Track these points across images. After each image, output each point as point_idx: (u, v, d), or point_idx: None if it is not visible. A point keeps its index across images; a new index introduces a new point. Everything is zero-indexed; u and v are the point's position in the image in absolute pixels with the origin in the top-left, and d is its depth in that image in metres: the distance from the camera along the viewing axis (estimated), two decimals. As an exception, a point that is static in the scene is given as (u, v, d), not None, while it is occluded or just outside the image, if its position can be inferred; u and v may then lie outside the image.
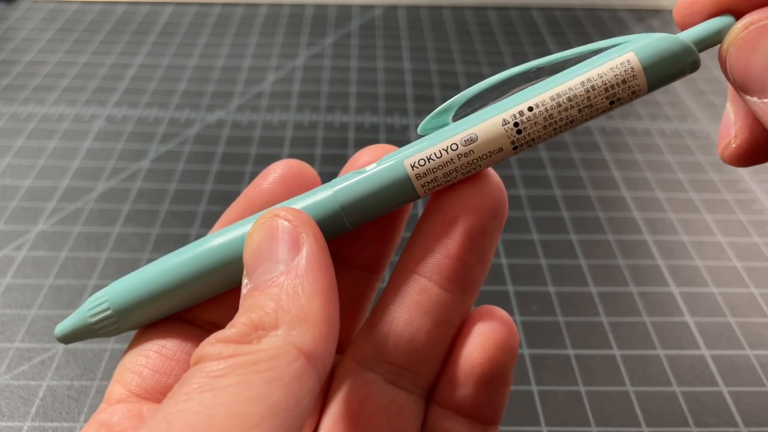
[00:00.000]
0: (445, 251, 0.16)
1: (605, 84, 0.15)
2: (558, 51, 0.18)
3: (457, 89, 0.47)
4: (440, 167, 0.16)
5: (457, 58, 0.51)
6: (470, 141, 0.16)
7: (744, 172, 0.39)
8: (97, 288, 0.31)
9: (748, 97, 0.15)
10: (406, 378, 0.17)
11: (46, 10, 0.56)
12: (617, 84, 0.15)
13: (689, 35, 0.15)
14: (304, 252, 0.14)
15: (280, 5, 0.58)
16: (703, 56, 0.15)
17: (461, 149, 0.16)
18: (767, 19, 0.14)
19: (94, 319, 0.17)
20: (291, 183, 0.18)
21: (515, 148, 0.16)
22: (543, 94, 0.15)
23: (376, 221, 0.18)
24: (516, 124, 0.16)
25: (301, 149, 0.40)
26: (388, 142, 0.41)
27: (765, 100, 0.14)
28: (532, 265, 0.33)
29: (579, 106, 0.15)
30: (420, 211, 0.35)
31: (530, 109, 0.15)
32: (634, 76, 0.15)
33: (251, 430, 0.12)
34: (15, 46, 0.51)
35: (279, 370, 0.13)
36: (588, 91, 0.15)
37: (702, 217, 0.36)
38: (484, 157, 0.16)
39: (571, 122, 0.15)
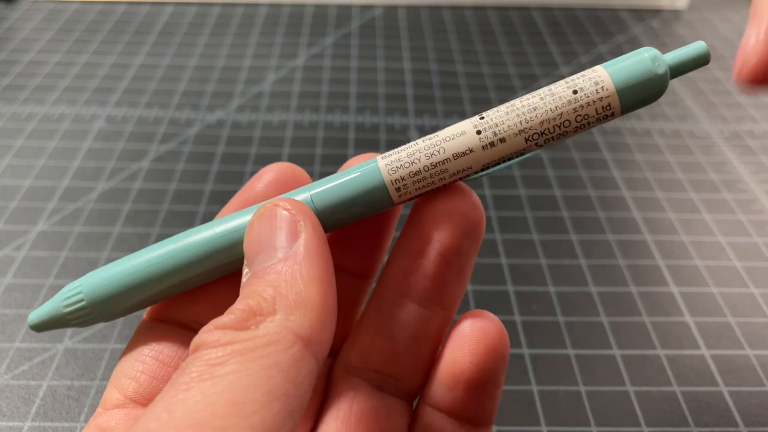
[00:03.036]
0: (421, 271, 0.17)
1: (566, 81, 0.16)
2: (558, 51, 0.18)
3: (458, 89, 0.47)
4: (409, 163, 0.16)
5: (457, 58, 0.51)
6: (436, 135, 0.16)
7: (744, 172, 0.39)
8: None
9: None
10: (392, 384, 0.18)
11: (46, 10, 0.56)
12: (578, 78, 0.16)
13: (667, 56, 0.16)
14: (302, 239, 0.15)
15: (280, 5, 0.58)
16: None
17: (427, 140, 0.16)
18: None
19: (67, 309, 0.17)
20: (284, 185, 0.19)
21: (484, 147, 0.16)
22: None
23: (365, 228, 0.18)
24: (481, 117, 0.16)
25: (301, 149, 0.40)
26: (388, 142, 0.41)
27: None
28: (532, 265, 0.33)
29: (540, 95, 0.16)
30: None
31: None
32: (594, 71, 0.16)
33: (251, 417, 0.12)
34: (15, 46, 0.51)
35: (277, 356, 0.13)
36: (550, 87, 0.16)
37: (702, 217, 0.36)
38: (448, 139, 0.16)
39: (534, 110, 0.15)
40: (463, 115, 0.44)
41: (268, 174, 0.19)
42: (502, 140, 0.16)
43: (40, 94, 0.45)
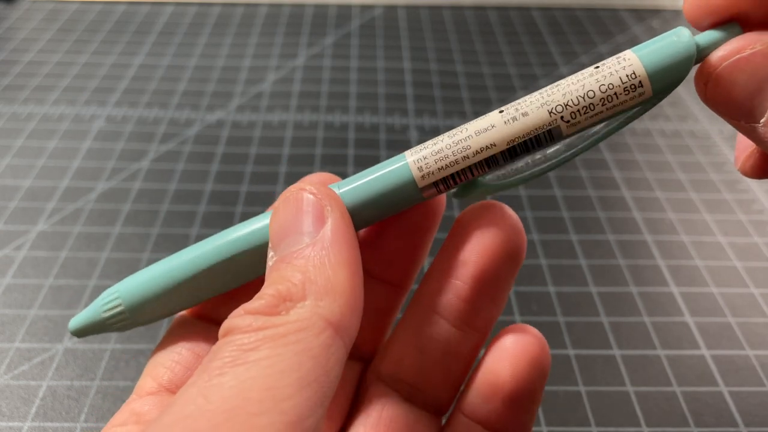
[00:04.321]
0: (455, 293, 0.17)
1: (595, 66, 0.16)
2: (558, 51, 0.18)
3: (458, 89, 0.47)
4: (432, 144, 0.16)
5: (457, 58, 0.51)
6: (464, 127, 0.16)
7: (744, 172, 0.39)
8: (98, 288, 0.31)
9: (734, 121, 0.15)
10: (420, 398, 0.18)
11: (46, 10, 0.56)
12: (609, 60, 0.15)
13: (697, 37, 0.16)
14: (329, 225, 0.15)
15: (280, 5, 0.58)
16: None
17: (455, 131, 0.16)
18: (737, 54, 0.15)
19: (107, 315, 0.18)
20: None
21: (506, 122, 0.15)
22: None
23: (402, 239, 0.18)
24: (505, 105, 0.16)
25: (301, 149, 0.40)
26: (388, 142, 0.41)
27: (753, 124, 0.15)
28: (532, 265, 0.33)
29: (564, 77, 0.16)
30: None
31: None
32: (626, 59, 0.15)
33: (285, 402, 0.12)
34: (15, 46, 0.51)
35: (308, 342, 0.13)
36: (576, 76, 0.16)
37: (702, 217, 0.36)
38: (477, 133, 0.16)
39: (557, 85, 0.15)
40: (463, 115, 0.44)
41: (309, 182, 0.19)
42: (525, 114, 0.15)
43: (40, 94, 0.45)
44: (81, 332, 0.18)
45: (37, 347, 0.28)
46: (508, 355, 0.17)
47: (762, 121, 0.14)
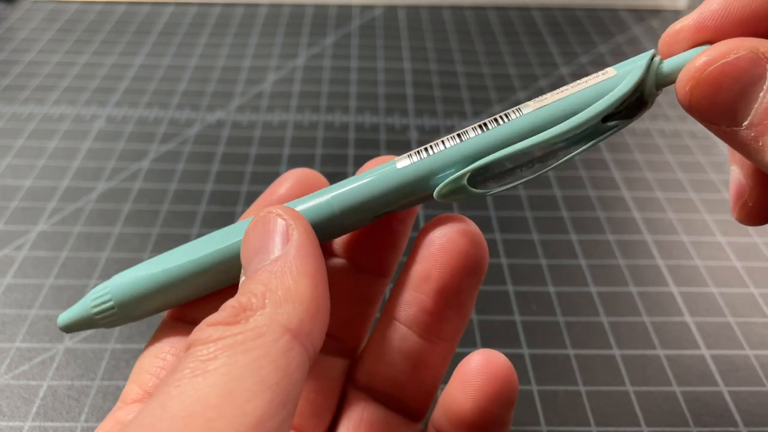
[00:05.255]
0: (420, 306, 0.17)
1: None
2: (558, 51, 0.19)
3: (458, 89, 0.47)
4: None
5: (457, 58, 0.51)
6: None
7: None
8: (98, 288, 0.31)
9: (715, 126, 0.16)
10: (396, 405, 0.18)
11: (46, 10, 0.56)
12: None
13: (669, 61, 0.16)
14: (294, 241, 0.15)
15: (280, 5, 0.58)
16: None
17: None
18: (722, 59, 0.15)
19: (96, 311, 0.18)
20: (305, 191, 0.19)
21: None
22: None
23: (380, 228, 0.19)
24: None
25: (301, 149, 0.40)
26: (388, 142, 0.41)
27: (735, 128, 0.15)
28: (532, 265, 0.33)
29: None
30: (423, 221, 0.35)
31: None
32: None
33: (244, 405, 0.12)
34: (15, 46, 0.51)
35: (266, 347, 0.13)
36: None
37: (702, 217, 0.36)
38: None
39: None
40: (463, 115, 0.44)
41: (290, 179, 0.20)
42: None
43: (40, 94, 0.45)
44: (70, 327, 0.18)
45: (38, 347, 0.28)
46: (470, 389, 0.17)
47: (744, 124, 0.15)
